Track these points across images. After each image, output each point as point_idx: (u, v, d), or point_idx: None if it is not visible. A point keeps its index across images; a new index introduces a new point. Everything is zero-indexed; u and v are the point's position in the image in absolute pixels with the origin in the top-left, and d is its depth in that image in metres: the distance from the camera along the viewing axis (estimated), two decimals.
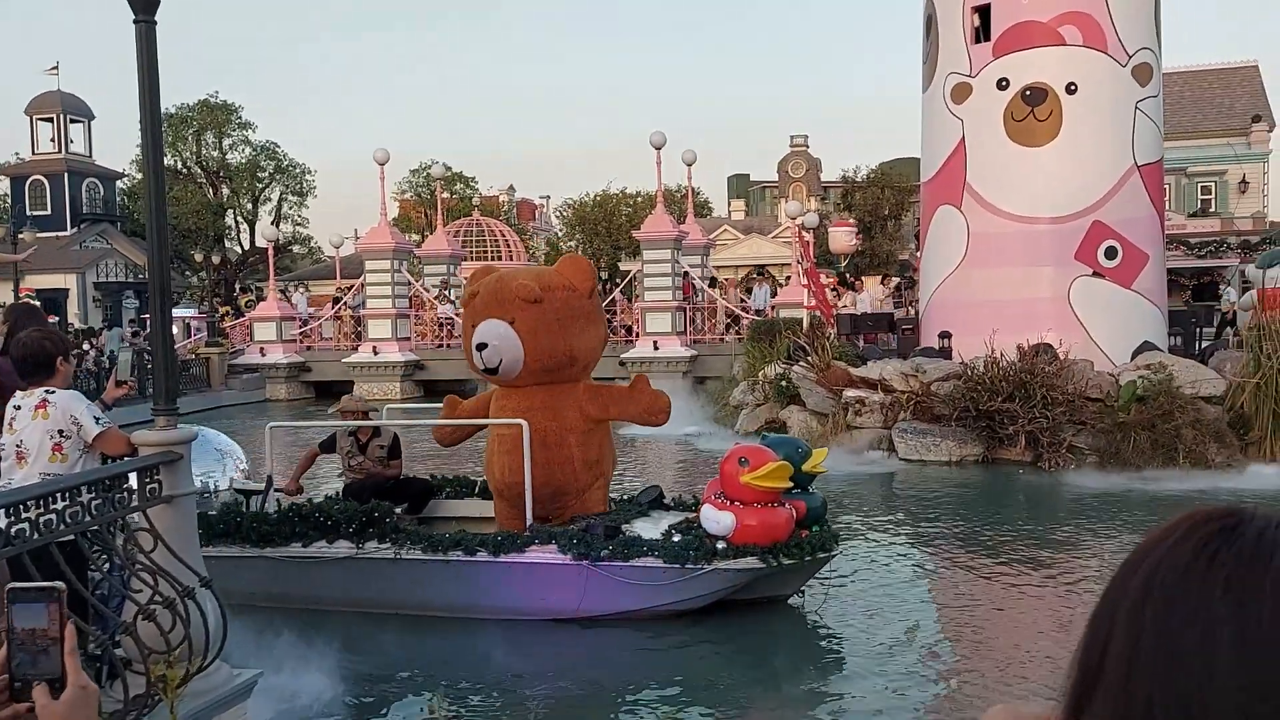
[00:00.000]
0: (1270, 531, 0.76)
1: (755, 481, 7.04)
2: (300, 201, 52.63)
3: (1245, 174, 42.25)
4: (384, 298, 29.18)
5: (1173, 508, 11.09)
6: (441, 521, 8.74)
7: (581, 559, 7.31)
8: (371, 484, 8.56)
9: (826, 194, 56.34)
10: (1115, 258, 15.75)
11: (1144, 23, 16.05)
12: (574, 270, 8.15)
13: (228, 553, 7.76)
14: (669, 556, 7.20)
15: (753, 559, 7.15)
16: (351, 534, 7.64)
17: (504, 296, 7.87)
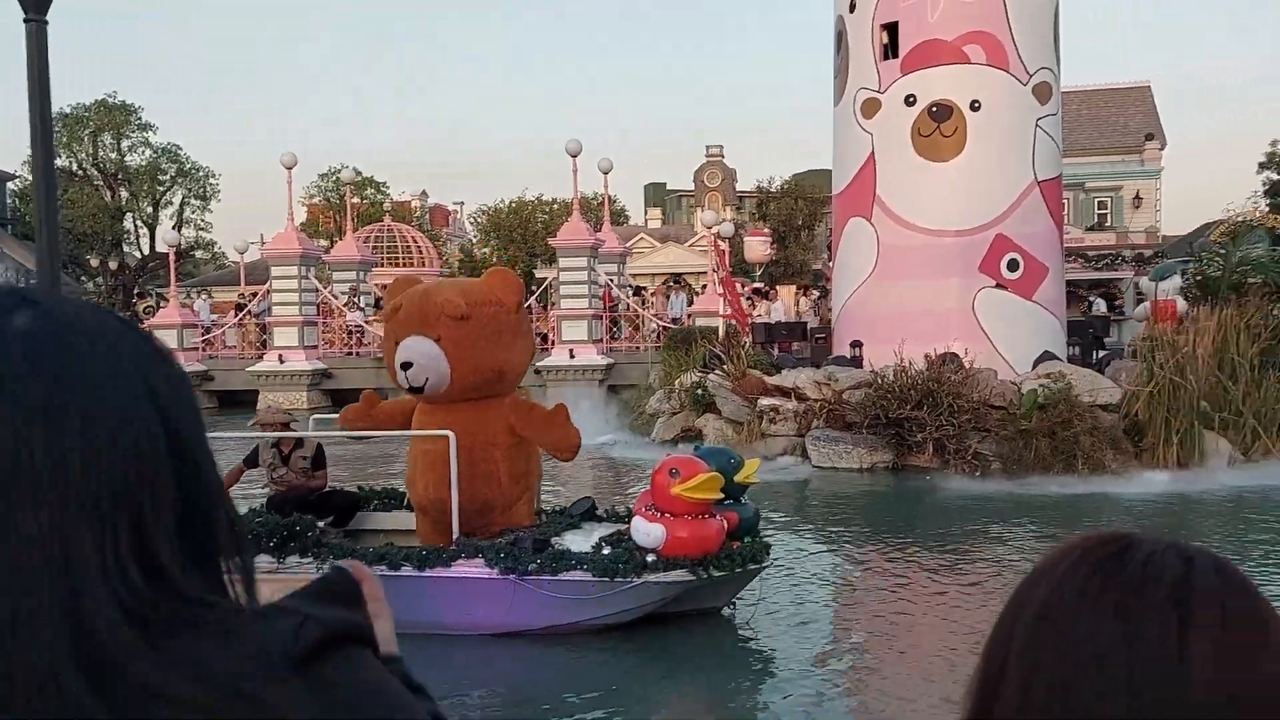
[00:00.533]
0: (1158, 556, 0.79)
1: (686, 493, 6.99)
2: (204, 205, 51.19)
3: (1139, 190, 44.05)
4: (291, 304, 28.53)
5: (1071, 512, 11.49)
6: (369, 535, 8.55)
7: (509, 573, 7.19)
8: (295, 497, 8.33)
9: (742, 203, 57.01)
10: (1017, 270, 16.25)
11: (1043, 43, 16.61)
12: (502, 284, 8.01)
13: None
14: (598, 570, 7.12)
15: (683, 571, 7.09)
16: (272, 548, 7.45)
17: (429, 312, 7.67)
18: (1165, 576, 0.77)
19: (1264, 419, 14.36)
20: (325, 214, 54.93)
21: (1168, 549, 0.79)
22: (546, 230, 45.60)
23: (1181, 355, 14.37)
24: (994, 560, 9.94)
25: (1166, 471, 13.67)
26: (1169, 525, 11.52)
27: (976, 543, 10.60)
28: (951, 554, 10.03)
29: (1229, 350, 14.60)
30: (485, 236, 59.96)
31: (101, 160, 48.29)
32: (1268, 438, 14.27)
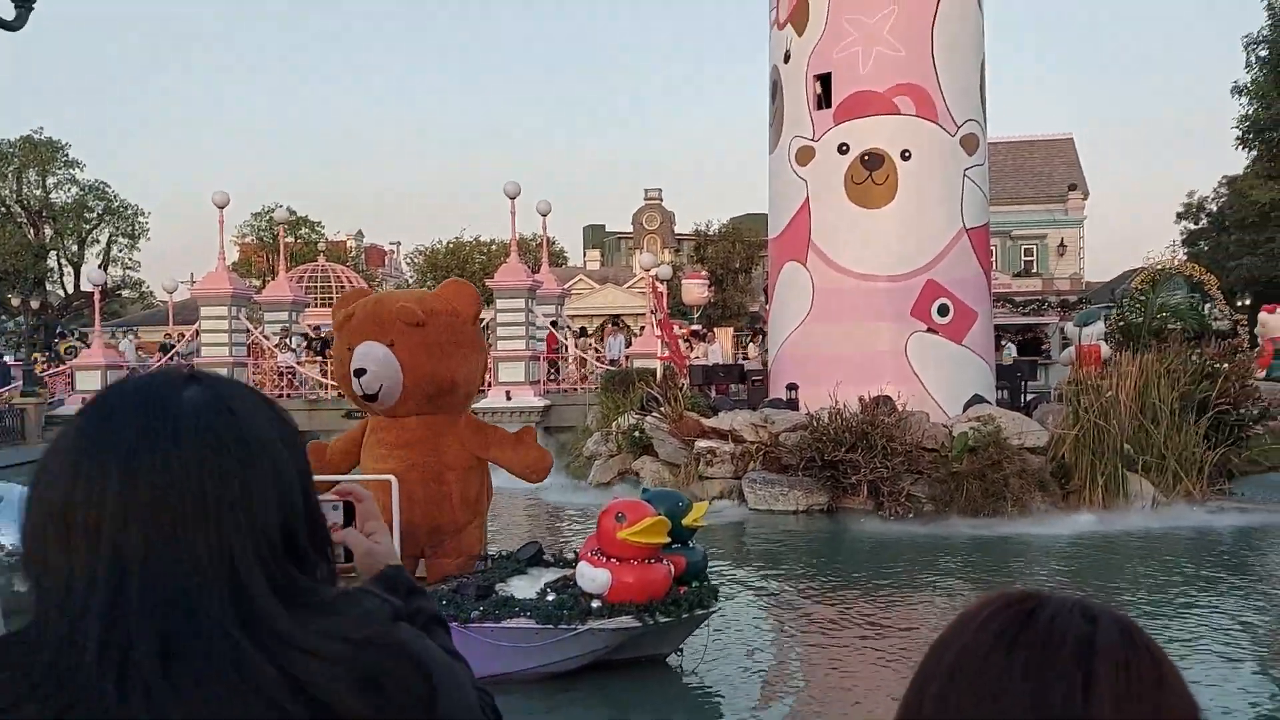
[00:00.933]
0: (1063, 616, 0.81)
1: (632, 537, 6.85)
2: (132, 244, 50.16)
3: (1064, 238, 45.45)
4: (220, 345, 27.98)
5: (1000, 553, 11.64)
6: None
7: (452, 620, 7.02)
8: None
9: (680, 246, 57.52)
10: (947, 315, 16.59)
11: (970, 96, 17.13)
12: (458, 294, 7.86)
13: None
14: (541, 617, 6.97)
15: (628, 618, 6.95)
16: None
17: (383, 318, 7.53)
18: (1070, 636, 0.79)
19: (1184, 462, 14.77)
20: (258, 253, 54.18)
21: (1073, 609, 0.81)
22: (484, 271, 45.48)
23: (1105, 400, 14.76)
24: (929, 601, 10.03)
25: (1091, 513, 13.96)
26: (1090, 566, 11.76)
27: (912, 584, 10.70)
28: (888, 596, 10.11)
29: (1150, 395, 15.01)
30: (422, 277, 59.58)
31: (25, 197, 47.13)
32: (1188, 480, 14.67)
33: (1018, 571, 11.44)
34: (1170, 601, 9.78)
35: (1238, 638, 8.55)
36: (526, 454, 7.91)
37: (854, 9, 16.55)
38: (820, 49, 16.83)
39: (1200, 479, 14.72)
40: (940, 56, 16.60)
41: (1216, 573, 11.18)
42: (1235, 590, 10.34)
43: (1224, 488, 15.14)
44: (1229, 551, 12.39)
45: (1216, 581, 10.74)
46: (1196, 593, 10.17)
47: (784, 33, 17.45)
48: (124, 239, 49.88)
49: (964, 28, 17.00)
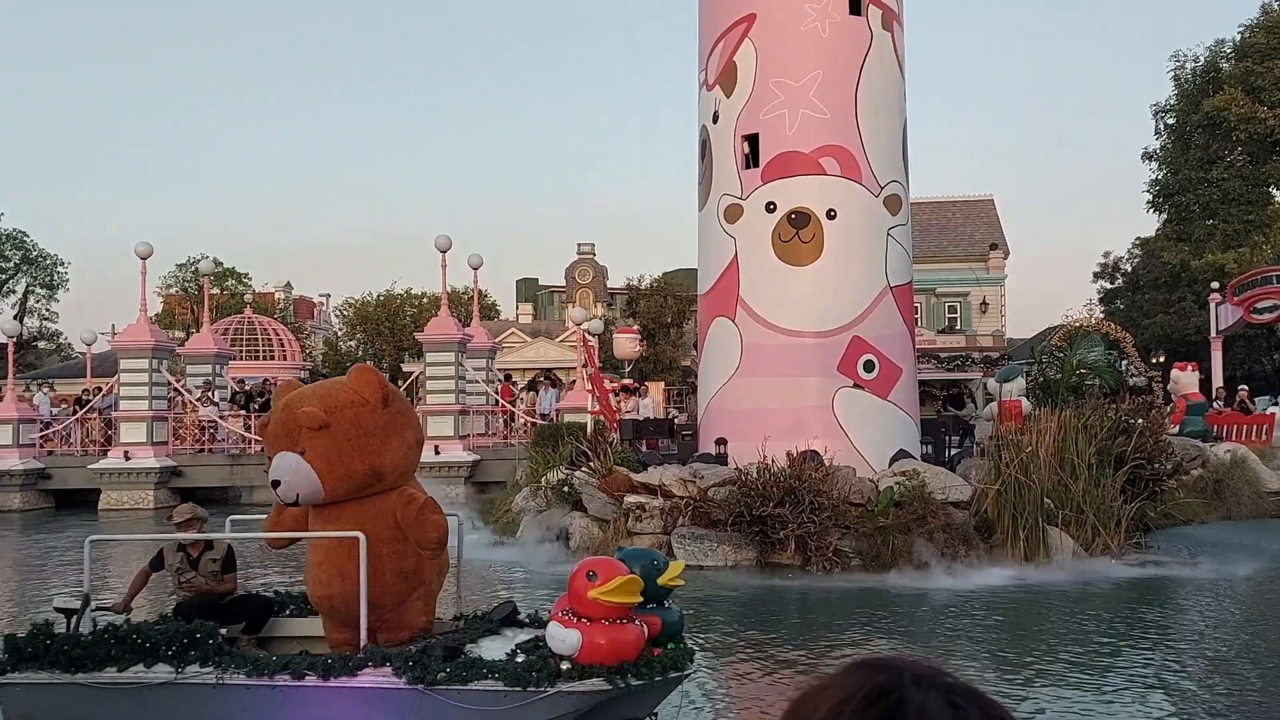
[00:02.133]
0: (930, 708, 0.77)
1: (604, 597, 6.67)
2: (50, 294, 48.88)
3: (985, 296, 46.64)
4: (140, 399, 27.24)
5: (926, 606, 11.69)
6: (282, 642, 8.05)
7: (417, 682, 6.81)
8: (201, 602, 7.85)
9: (613, 300, 57.79)
10: (873, 370, 16.86)
11: (893, 158, 17.60)
12: (361, 382, 7.73)
13: (35, 679, 7.06)
14: (509, 678, 6.76)
15: (599, 680, 6.73)
16: (171, 657, 6.98)
17: (290, 427, 7.43)
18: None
19: (1102, 516, 15.09)
20: (182, 305, 53.10)
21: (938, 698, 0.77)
22: (415, 324, 45.10)
23: (1025, 454, 15.05)
24: (857, 654, 10.05)
25: (1014, 567, 14.16)
26: (1012, 620, 11.90)
27: (844, 638, 10.71)
28: (821, 650, 10.10)
29: (1069, 450, 15.34)
30: (351, 329, 58.89)
31: None
32: (1106, 534, 14.99)
33: (943, 624, 11.53)
34: (1091, 655, 9.92)
35: (1155, 692, 8.69)
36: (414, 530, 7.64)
37: (780, 72, 16.97)
38: (748, 110, 17.19)
39: (1118, 532, 15.05)
40: (864, 119, 17.06)
41: (1134, 626, 11.39)
42: (1153, 644, 10.53)
43: (1140, 541, 15.50)
44: (1145, 605, 12.65)
45: (1134, 635, 10.94)
46: (1116, 647, 10.35)
47: (713, 94, 17.80)
48: (42, 289, 48.64)
49: (886, 91, 17.52)
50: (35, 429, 28.02)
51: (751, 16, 17.19)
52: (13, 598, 14.72)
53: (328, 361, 55.33)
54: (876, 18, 17.34)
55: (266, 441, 7.74)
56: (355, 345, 58.10)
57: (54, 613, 7.72)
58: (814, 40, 16.96)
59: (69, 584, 16.11)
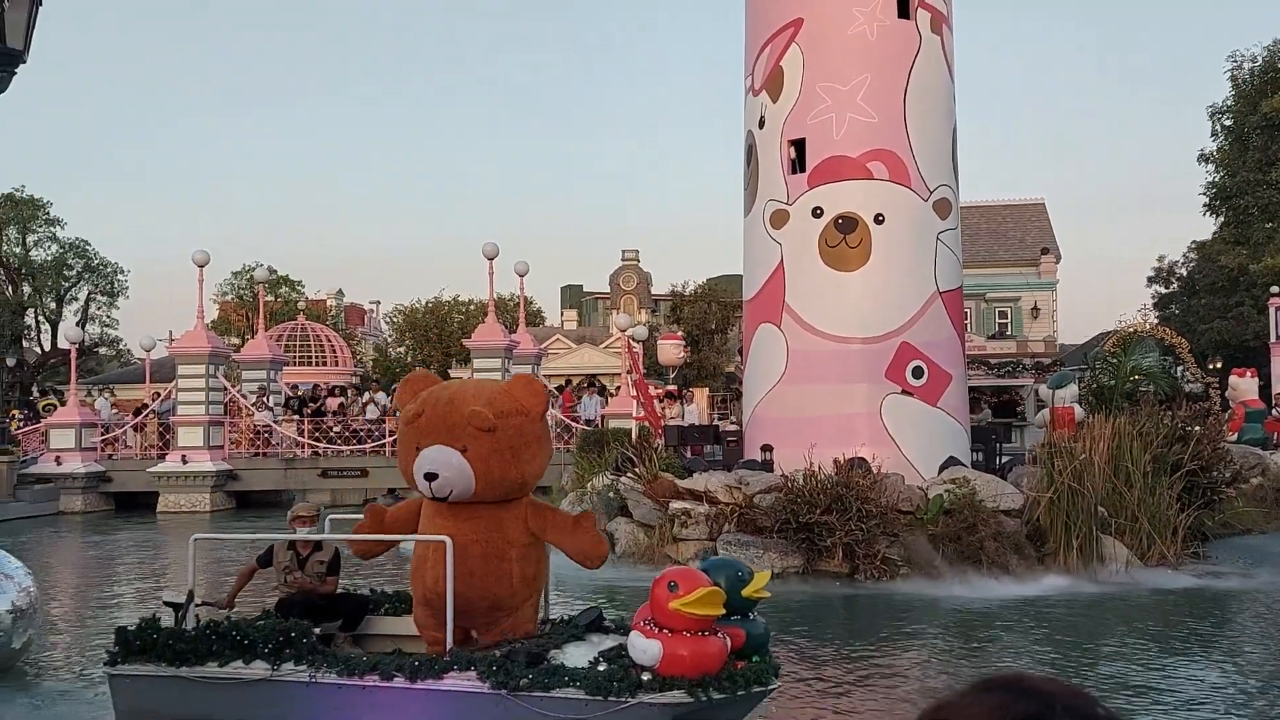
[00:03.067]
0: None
1: (684, 608, 6.57)
2: (110, 301, 50.08)
3: (1037, 301, 46.00)
4: (197, 404, 27.83)
5: (978, 618, 11.58)
6: (376, 640, 8.21)
7: (500, 688, 6.85)
8: (302, 600, 8.04)
9: (657, 306, 57.89)
10: (922, 377, 16.70)
11: (943, 161, 17.45)
12: (527, 393, 7.79)
13: (143, 671, 7.34)
14: (590, 687, 6.74)
15: (680, 692, 6.63)
16: (267, 654, 7.19)
17: (454, 422, 7.41)
18: None
19: (1158, 525, 14.82)
20: (237, 312, 54.09)
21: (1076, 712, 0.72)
22: (462, 330, 45.53)
23: (1079, 462, 14.82)
24: (914, 665, 9.96)
25: (1067, 576, 13.95)
26: (1067, 630, 11.73)
27: (894, 648, 10.62)
28: (874, 660, 10.04)
29: (1124, 457, 15.08)
30: (400, 336, 59.59)
31: (5, 255, 47.06)
32: (1162, 543, 14.71)
33: (996, 635, 11.40)
34: (1150, 667, 9.75)
35: (1217, 704, 8.52)
36: (582, 540, 7.78)
37: (827, 76, 16.91)
38: (794, 115, 17.15)
39: (1174, 541, 14.76)
40: (913, 122, 16.93)
41: (1194, 637, 11.18)
42: (1214, 656, 10.32)
43: (1198, 550, 15.19)
44: (1205, 615, 12.39)
45: (1195, 646, 10.73)
46: (1176, 658, 10.15)
47: (759, 99, 17.78)
48: (103, 297, 49.82)
49: (935, 94, 17.38)
50: (97, 433, 28.71)
51: (799, 21, 17.15)
52: (89, 596, 15.10)
53: (378, 367, 56.03)
54: (925, 21, 17.21)
55: (413, 433, 7.60)
56: (404, 351, 58.77)
57: (162, 607, 8.00)
58: (862, 44, 16.88)
59: (143, 582, 16.51)
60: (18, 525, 23.45)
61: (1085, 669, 9.70)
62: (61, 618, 13.05)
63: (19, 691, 9.41)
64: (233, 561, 18.73)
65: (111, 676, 7.59)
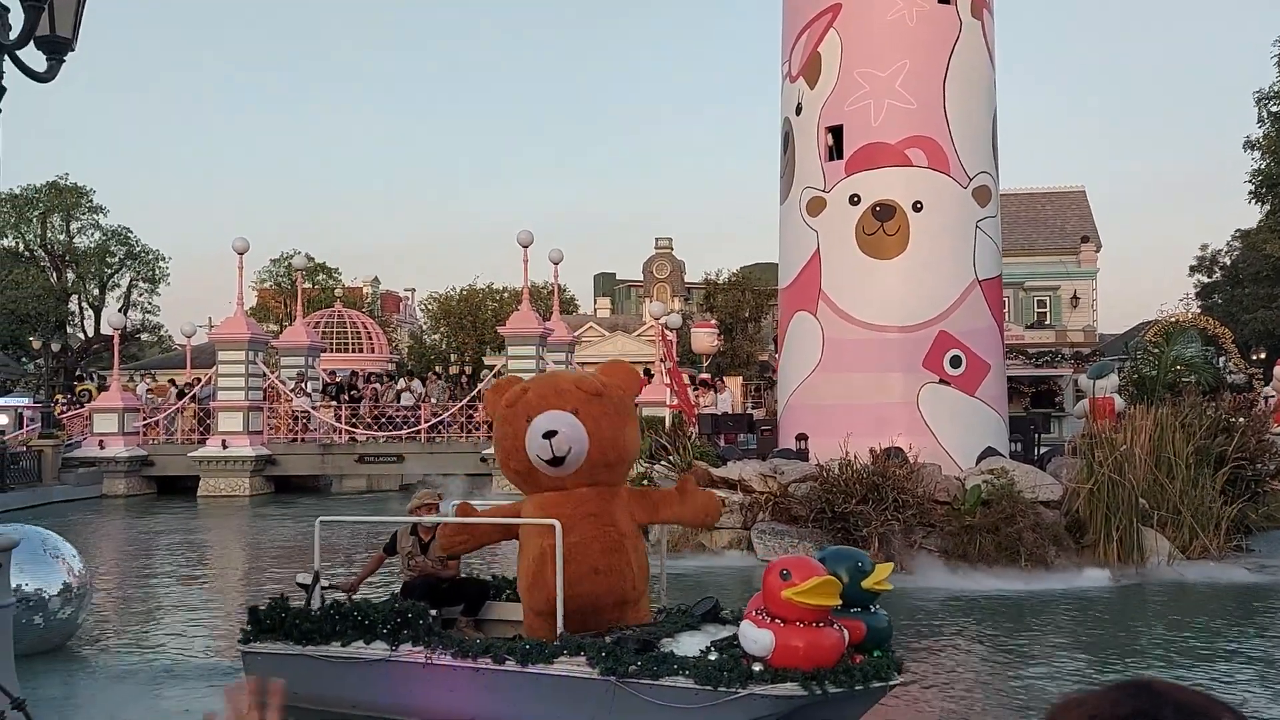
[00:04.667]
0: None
1: (797, 597, 6.34)
2: (152, 288, 50.81)
3: (1076, 290, 45.38)
4: (236, 389, 28.16)
5: (1017, 610, 11.46)
6: (496, 625, 8.33)
7: (609, 674, 6.83)
8: (424, 583, 8.20)
9: (690, 295, 57.74)
10: (960, 366, 16.55)
11: (982, 148, 17.24)
12: (624, 375, 8.04)
13: (272, 649, 7.65)
14: (700, 676, 6.61)
15: (794, 685, 6.40)
16: (386, 635, 7.40)
17: (562, 388, 7.69)
18: None
19: (1200, 517, 14.60)
20: (276, 299, 54.66)
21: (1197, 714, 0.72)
22: (496, 318, 45.71)
23: (1120, 453, 14.62)
24: (962, 659, 9.90)
25: (1107, 568, 13.79)
26: (1110, 623, 11.60)
27: (937, 642, 10.54)
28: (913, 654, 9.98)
29: (1165, 449, 14.86)
30: (435, 323, 59.94)
31: (50, 242, 47.83)
32: (1205, 536, 14.49)
33: (1037, 628, 11.29)
34: (1198, 663, 9.62)
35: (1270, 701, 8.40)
36: (695, 503, 7.87)
37: (866, 62, 16.75)
38: (832, 101, 17.01)
39: (1217, 534, 14.54)
40: (952, 109, 16.74)
41: (1243, 632, 11.00)
42: (1265, 651, 10.16)
43: (1241, 544, 14.96)
44: (1254, 609, 12.20)
45: (1244, 641, 10.57)
46: (1225, 654, 10.00)
47: (796, 85, 17.65)
48: (144, 283, 50.54)
49: (976, 80, 17.16)
50: (139, 418, 29.15)
51: (837, 6, 17.00)
52: (136, 577, 15.36)
53: (413, 354, 56.43)
54: (966, 6, 17.00)
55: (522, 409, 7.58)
56: (439, 339, 59.12)
57: (295, 586, 8.25)
58: (901, 29, 16.70)
59: (186, 564, 16.77)
60: (63, 508, 23.90)
61: (1128, 660, 9.59)
62: (109, 598, 13.30)
63: (75, 669, 9.62)
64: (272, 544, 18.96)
65: (244, 653, 7.90)
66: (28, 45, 5.75)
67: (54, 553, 9.99)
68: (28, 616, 9.24)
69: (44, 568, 9.72)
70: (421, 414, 28.79)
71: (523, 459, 7.55)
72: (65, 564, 10.00)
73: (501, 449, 7.84)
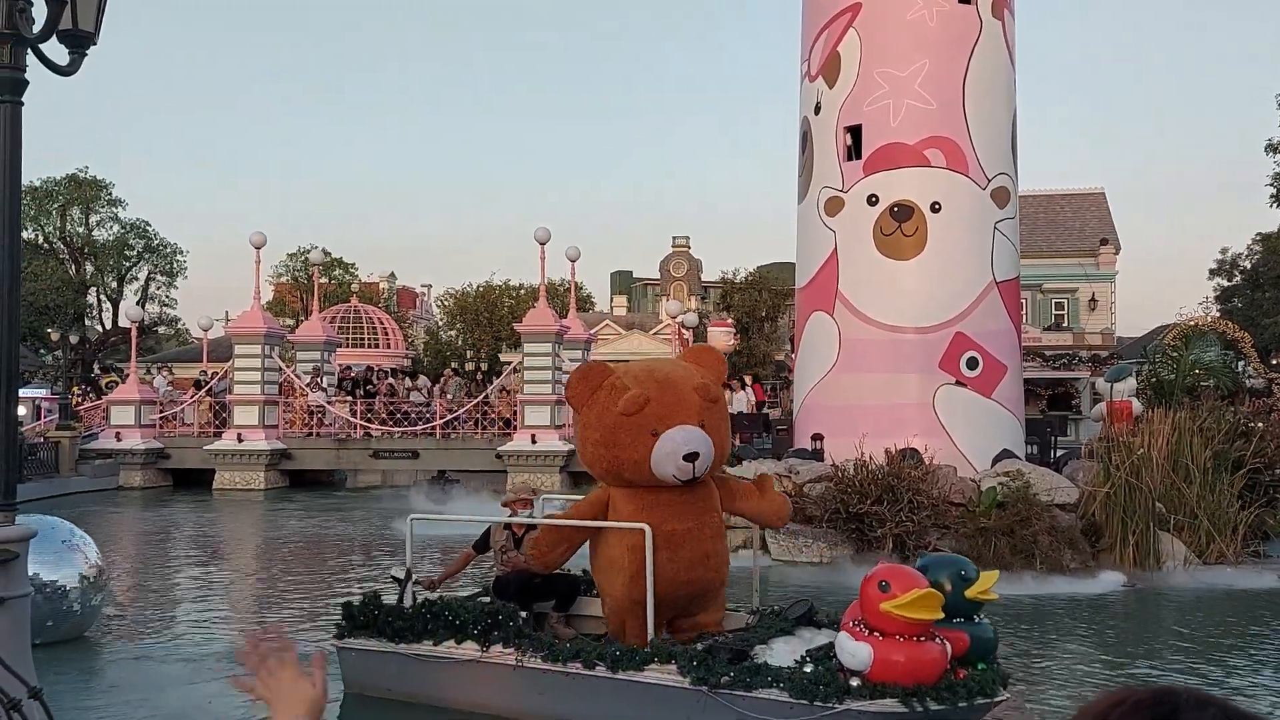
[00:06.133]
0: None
1: (897, 610, 6.04)
2: (169, 282, 51.07)
3: (1095, 292, 45.10)
4: (253, 383, 28.29)
5: (1032, 613, 11.41)
6: (586, 620, 8.22)
7: (700, 684, 6.65)
8: (517, 578, 8.13)
9: (706, 294, 57.70)
10: (976, 368, 16.48)
11: (1001, 149, 17.16)
12: (718, 366, 7.74)
13: (366, 646, 7.64)
14: (796, 690, 6.37)
15: (893, 701, 6.12)
16: (477, 635, 7.36)
17: (688, 400, 7.22)
18: None
19: (1218, 522, 14.50)
20: (292, 293, 54.87)
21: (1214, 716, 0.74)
22: (512, 315, 45.78)
23: (1137, 457, 14.54)
24: None
25: (1123, 572, 13.71)
26: (1125, 628, 11.53)
27: None
28: None
29: (1183, 453, 14.77)
30: (451, 319, 60.07)
31: (69, 234, 48.13)
32: (1222, 540, 14.39)
33: (1052, 631, 11.24)
34: (1214, 669, 9.55)
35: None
36: (772, 501, 7.76)
37: (885, 62, 16.69)
38: (851, 101, 16.96)
39: (1234, 539, 14.44)
40: (971, 110, 16.67)
41: (1259, 638, 10.92)
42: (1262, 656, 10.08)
43: (1258, 549, 14.85)
44: (1270, 616, 12.10)
45: (1261, 647, 10.48)
46: (1241, 660, 9.92)
47: (815, 85, 17.60)
48: (162, 276, 50.80)
49: (995, 81, 17.08)
50: (155, 410, 29.32)
51: (857, 5, 16.94)
52: (151, 568, 15.46)
53: (429, 350, 56.58)
54: (986, 5, 16.92)
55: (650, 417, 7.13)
56: (455, 335, 59.25)
57: (388, 581, 8.26)
58: (921, 29, 16.63)
59: (203, 555, 16.86)
60: (79, 499, 24.06)
61: (1250, 709, 9.52)
62: (127, 588, 13.41)
63: (93, 659, 9.70)
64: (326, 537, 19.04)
65: (339, 649, 7.86)
66: (50, 39, 5.78)
67: (72, 543, 10.06)
68: (46, 606, 9.31)
69: (63, 558, 9.80)
70: (437, 410, 28.86)
71: (641, 471, 7.14)
72: (83, 555, 10.08)
73: (607, 456, 7.27)
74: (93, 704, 8.32)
